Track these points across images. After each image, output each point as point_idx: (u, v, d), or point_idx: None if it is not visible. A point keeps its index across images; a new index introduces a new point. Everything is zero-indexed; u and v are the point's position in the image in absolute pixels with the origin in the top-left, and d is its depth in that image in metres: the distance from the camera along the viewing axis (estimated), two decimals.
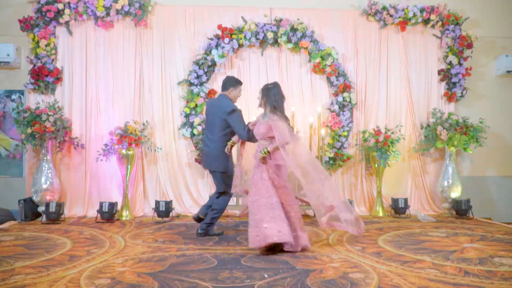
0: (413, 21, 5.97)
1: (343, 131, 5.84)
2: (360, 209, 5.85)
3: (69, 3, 5.53)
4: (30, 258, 3.47)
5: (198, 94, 5.67)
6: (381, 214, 5.68)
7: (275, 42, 5.85)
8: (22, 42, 5.66)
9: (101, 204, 5.17)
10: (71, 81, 5.68)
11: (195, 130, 5.65)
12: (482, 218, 5.62)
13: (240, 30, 5.75)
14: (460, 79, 6.01)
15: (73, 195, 5.61)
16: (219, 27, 5.73)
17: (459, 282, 2.90)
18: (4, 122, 5.76)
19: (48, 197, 5.27)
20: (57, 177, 5.44)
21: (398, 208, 5.56)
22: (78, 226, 4.87)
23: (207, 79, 5.76)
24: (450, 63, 6.01)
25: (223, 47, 5.69)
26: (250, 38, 5.73)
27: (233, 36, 5.72)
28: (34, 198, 5.29)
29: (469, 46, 5.97)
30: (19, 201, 5.19)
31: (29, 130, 5.09)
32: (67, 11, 5.53)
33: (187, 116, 5.70)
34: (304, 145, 4.18)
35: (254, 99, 5.19)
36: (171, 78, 5.81)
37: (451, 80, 6.05)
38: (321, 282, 2.89)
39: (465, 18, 6.02)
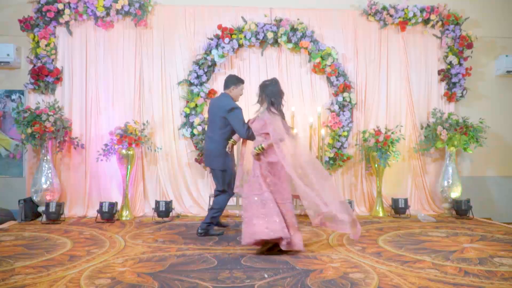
0: (413, 21, 5.97)
1: (343, 131, 5.84)
2: (360, 209, 5.85)
3: (69, 3, 5.54)
4: (30, 258, 3.47)
5: (198, 94, 5.67)
6: (381, 214, 5.68)
7: (275, 42, 5.85)
8: (22, 42, 5.66)
9: (101, 204, 5.17)
10: (71, 81, 5.68)
11: (195, 130, 5.65)
12: (482, 218, 5.62)
13: (240, 30, 5.75)
14: (460, 79, 6.01)
15: (73, 195, 5.61)
16: (219, 27, 5.73)
17: (459, 282, 2.90)
18: (4, 122, 5.76)
19: (48, 197, 5.27)
20: (57, 177, 5.44)
21: (398, 208, 5.56)
22: (78, 226, 4.87)
23: (207, 79, 5.76)
24: (450, 63, 6.01)
25: (223, 47, 5.69)
26: (250, 38, 5.73)
27: (233, 36, 5.72)
28: (34, 198, 5.29)
29: (469, 46, 5.97)
30: (19, 201, 5.19)
31: (29, 130, 5.09)
32: (67, 11, 5.53)
33: (187, 116, 5.70)
34: (303, 145, 4.11)
35: (254, 99, 5.16)
36: (171, 78, 5.81)
37: (451, 80, 6.05)
38: (321, 282, 2.89)
39: (465, 18, 6.02)
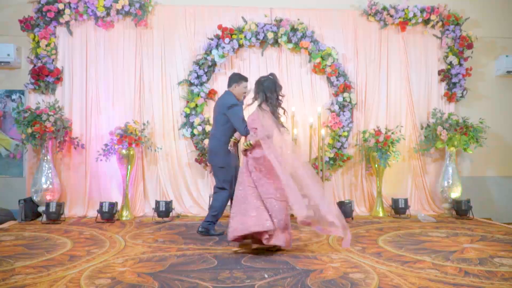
0: (413, 21, 5.97)
1: (343, 131, 5.84)
2: (360, 209, 5.85)
3: (69, 3, 5.54)
4: (30, 258, 3.47)
5: (198, 94, 5.66)
6: (381, 214, 5.68)
7: (275, 42, 5.85)
8: (23, 42, 5.66)
9: (101, 204, 5.17)
10: (71, 81, 5.68)
11: (195, 130, 5.65)
12: (482, 219, 5.62)
13: (240, 30, 5.75)
14: (460, 79, 6.01)
15: (73, 195, 5.61)
16: (219, 27, 5.73)
17: (459, 282, 2.90)
18: (5, 122, 5.76)
19: (48, 197, 5.27)
20: (57, 177, 5.44)
21: (398, 208, 5.56)
22: (78, 226, 4.87)
23: (207, 79, 5.76)
24: (450, 63, 6.01)
25: (223, 47, 5.68)
26: (250, 38, 5.73)
27: (233, 36, 5.71)
28: (34, 198, 5.29)
29: (469, 46, 5.97)
30: (19, 201, 5.19)
31: (29, 130, 5.10)
32: (67, 11, 5.53)
33: (187, 116, 5.70)
34: (291, 144, 3.93)
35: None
36: (171, 78, 5.81)
37: (451, 80, 6.04)
38: (321, 282, 2.88)
39: (465, 19, 6.02)
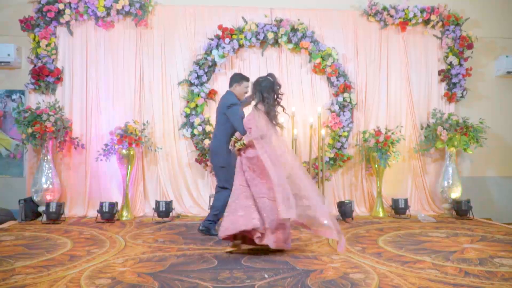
0: (414, 21, 5.97)
1: (343, 131, 5.84)
2: (360, 210, 5.85)
3: (69, 3, 5.54)
4: (31, 258, 3.47)
5: (198, 94, 5.67)
6: (381, 214, 5.68)
7: (276, 43, 5.85)
8: (23, 42, 5.66)
9: (101, 204, 5.17)
10: (72, 81, 5.68)
11: (195, 130, 5.65)
12: (482, 219, 5.62)
13: (240, 31, 5.75)
14: (460, 79, 6.01)
15: (74, 195, 5.62)
16: (220, 27, 5.73)
17: (459, 282, 2.90)
18: (5, 122, 5.76)
19: (48, 197, 5.27)
20: (58, 177, 5.44)
21: (398, 209, 5.56)
22: (79, 226, 4.87)
23: (208, 79, 5.76)
24: (451, 64, 6.01)
25: (224, 47, 5.68)
26: (250, 39, 5.73)
27: (234, 36, 5.72)
28: (34, 198, 5.29)
29: (469, 46, 5.97)
30: (19, 201, 5.19)
31: (29, 130, 5.10)
32: (67, 11, 5.53)
33: (187, 116, 5.70)
34: (285, 145, 3.90)
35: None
36: (172, 78, 5.81)
37: (451, 81, 6.04)
38: (321, 282, 2.88)
39: (465, 19, 6.02)
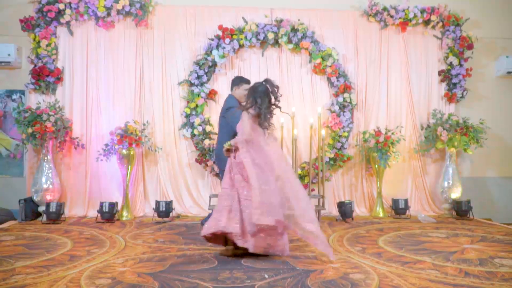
0: (414, 22, 5.97)
1: (344, 131, 5.84)
2: (360, 210, 5.86)
3: (70, 3, 5.54)
4: (31, 258, 3.47)
5: (198, 95, 5.67)
6: (381, 214, 5.68)
7: (276, 43, 5.85)
8: (23, 42, 5.67)
9: (101, 204, 5.17)
10: (72, 81, 5.69)
11: (195, 131, 5.65)
12: (482, 219, 5.62)
13: (240, 31, 5.75)
14: (461, 80, 6.01)
15: (74, 195, 5.62)
16: (220, 27, 5.73)
17: (459, 283, 2.90)
18: (5, 122, 5.77)
19: (48, 197, 5.27)
20: (58, 177, 5.44)
21: (398, 209, 5.56)
22: (79, 226, 4.87)
23: (208, 80, 5.76)
24: (451, 64, 6.01)
25: (224, 48, 5.68)
26: (250, 39, 5.73)
27: (234, 37, 5.72)
28: (34, 198, 5.29)
29: (470, 47, 5.97)
30: (19, 201, 5.19)
31: (29, 130, 5.10)
32: (68, 11, 5.54)
33: (187, 116, 5.70)
34: (277, 153, 3.71)
35: None
36: (172, 78, 5.81)
37: (452, 81, 6.04)
38: (321, 282, 2.88)
39: (466, 19, 6.02)
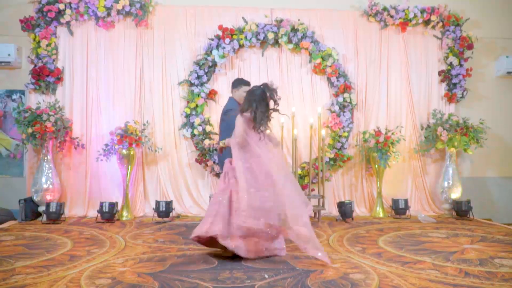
0: (414, 22, 5.97)
1: (344, 131, 5.84)
2: (360, 210, 5.86)
3: (70, 3, 5.54)
4: (31, 258, 3.47)
5: (198, 95, 5.67)
6: (381, 214, 5.68)
7: (276, 43, 5.85)
8: (23, 42, 5.67)
9: (101, 204, 5.17)
10: (72, 81, 5.69)
11: (195, 131, 5.65)
12: (482, 219, 5.62)
13: (240, 31, 5.75)
14: (461, 80, 6.01)
15: (74, 195, 5.62)
16: (220, 27, 5.73)
17: (459, 283, 2.90)
18: (5, 122, 5.77)
19: (48, 197, 5.27)
20: (58, 177, 5.44)
21: (398, 209, 5.56)
22: (79, 226, 4.87)
23: (208, 80, 5.76)
24: (451, 64, 6.01)
25: (224, 48, 5.68)
26: (250, 39, 5.73)
27: (234, 37, 5.72)
28: (34, 198, 5.29)
29: (470, 47, 5.97)
30: (19, 200, 5.19)
31: (29, 130, 5.10)
32: (68, 11, 5.54)
33: (187, 116, 5.70)
34: (272, 157, 3.64)
35: None
36: (172, 78, 5.81)
37: (452, 81, 6.04)
38: (321, 282, 2.88)
39: (466, 19, 6.02)
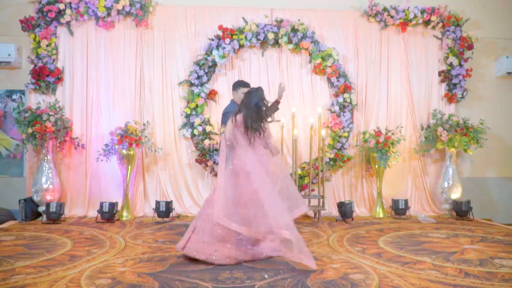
0: (414, 22, 5.97)
1: (344, 132, 5.84)
2: (360, 210, 5.86)
3: (70, 3, 5.54)
4: (31, 258, 3.47)
5: (198, 95, 5.67)
6: (381, 215, 5.68)
7: (276, 43, 5.86)
8: (23, 42, 5.67)
9: (101, 204, 5.17)
10: (72, 81, 5.69)
11: (195, 131, 5.65)
12: (482, 219, 5.62)
13: (240, 31, 5.75)
14: (461, 80, 6.01)
15: (74, 195, 5.62)
16: (220, 27, 5.73)
17: (459, 283, 2.90)
18: (5, 122, 5.77)
19: (48, 197, 5.27)
20: (58, 177, 5.44)
21: (398, 209, 5.56)
22: (79, 226, 4.87)
23: (208, 80, 5.76)
24: (451, 64, 6.01)
25: (224, 48, 5.69)
26: (250, 39, 5.73)
27: (234, 37, 5.72)
28: (34, 198, 5.29)
29: (470, 47, 5.98)
30: (19, 201, 5.20)
31: (29, 130, 5.10)
32: (68, 11, 5.54)
33: (187, 116, 5.70)
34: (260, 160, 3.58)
35: None
36: (172, 79, 5.81)
37: (452, 81, 6.04)
38: (321, 282, 2.89)
39: (466, 20, 6.02)
